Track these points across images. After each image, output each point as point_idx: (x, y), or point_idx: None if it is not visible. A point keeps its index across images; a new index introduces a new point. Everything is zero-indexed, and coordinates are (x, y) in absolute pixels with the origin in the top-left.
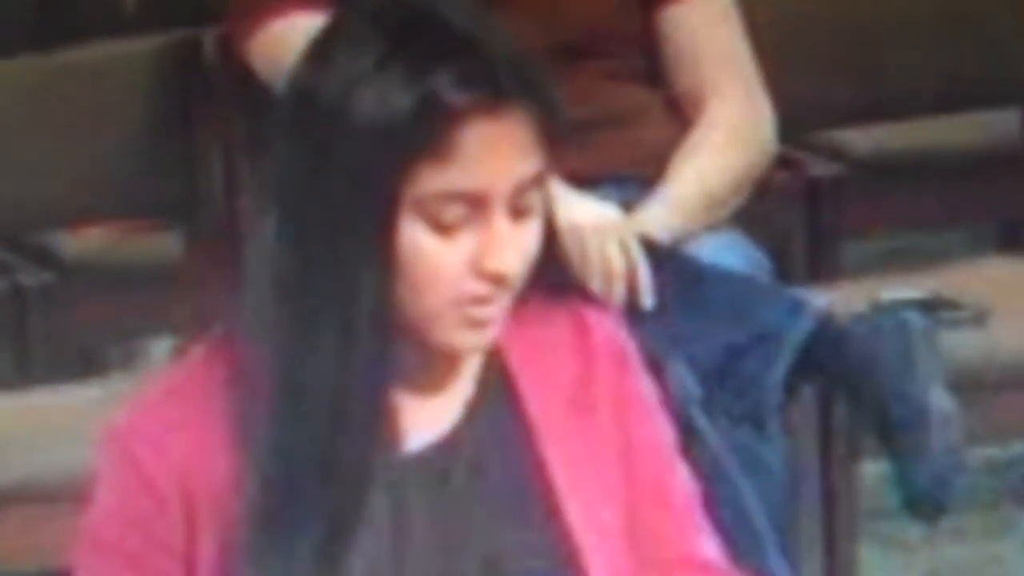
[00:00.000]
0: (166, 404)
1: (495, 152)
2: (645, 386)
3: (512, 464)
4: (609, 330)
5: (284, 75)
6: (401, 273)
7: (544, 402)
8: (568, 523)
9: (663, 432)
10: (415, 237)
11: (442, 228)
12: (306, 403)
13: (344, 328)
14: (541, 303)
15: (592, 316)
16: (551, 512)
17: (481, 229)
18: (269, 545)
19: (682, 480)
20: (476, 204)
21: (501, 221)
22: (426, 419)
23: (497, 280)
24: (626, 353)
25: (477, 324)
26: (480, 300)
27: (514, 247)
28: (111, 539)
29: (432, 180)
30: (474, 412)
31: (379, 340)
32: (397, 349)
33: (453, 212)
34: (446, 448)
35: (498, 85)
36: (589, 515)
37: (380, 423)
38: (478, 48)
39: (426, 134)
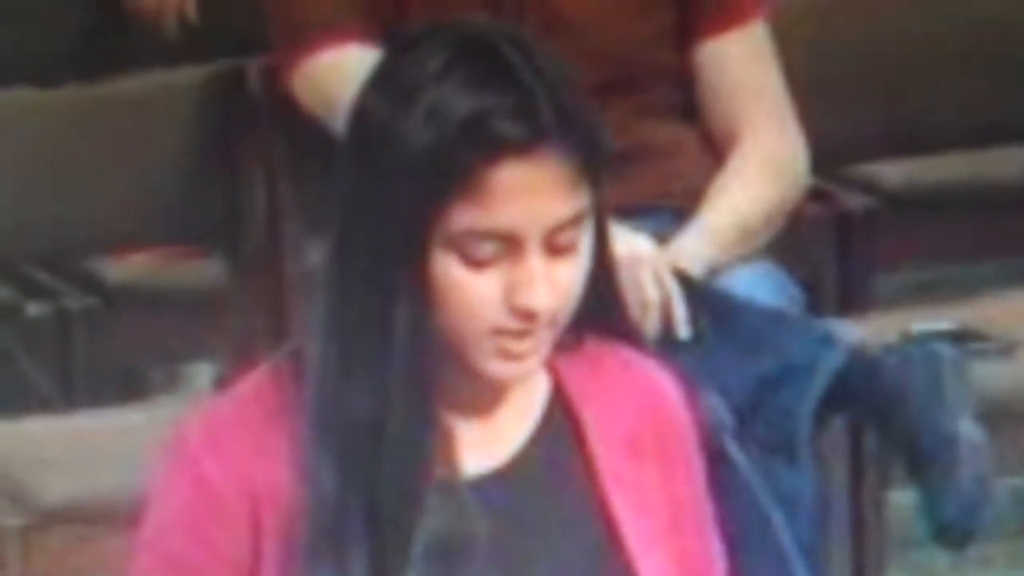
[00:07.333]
0: (229, 412)
1: (529, 193)
2: (693, 446)
3: (573, 498)
4: (662, 385)
5: (328, 106)
6: (436, 303)
7: (605, 443)
8: (628, 560)
9: (703, 499)
10: (448, 269)
11: (474, 262)
12: (348, 429)
13: (381, 357)
14: (596, 346)
15: (646, 366)
16: (611, 548)
17: (514, 264)
18: (324, 564)
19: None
20: (509, 242)
21: (534, 258)
22: (483, 447)
23: (528, 317)
24: (677, 411)
25: (512, 356)
26: (514, 334)
27: (548, 284)
28: (173, 554)
29: (464, 218)
30: (536, 445)
31: (416, 370)
32: (442, 373)
33: (485, 249)
34: (506, 478)
35: (539, 124)
36: (647, 555)
37: (426, 449)
38: (525, 84)
39: (461, 167)
